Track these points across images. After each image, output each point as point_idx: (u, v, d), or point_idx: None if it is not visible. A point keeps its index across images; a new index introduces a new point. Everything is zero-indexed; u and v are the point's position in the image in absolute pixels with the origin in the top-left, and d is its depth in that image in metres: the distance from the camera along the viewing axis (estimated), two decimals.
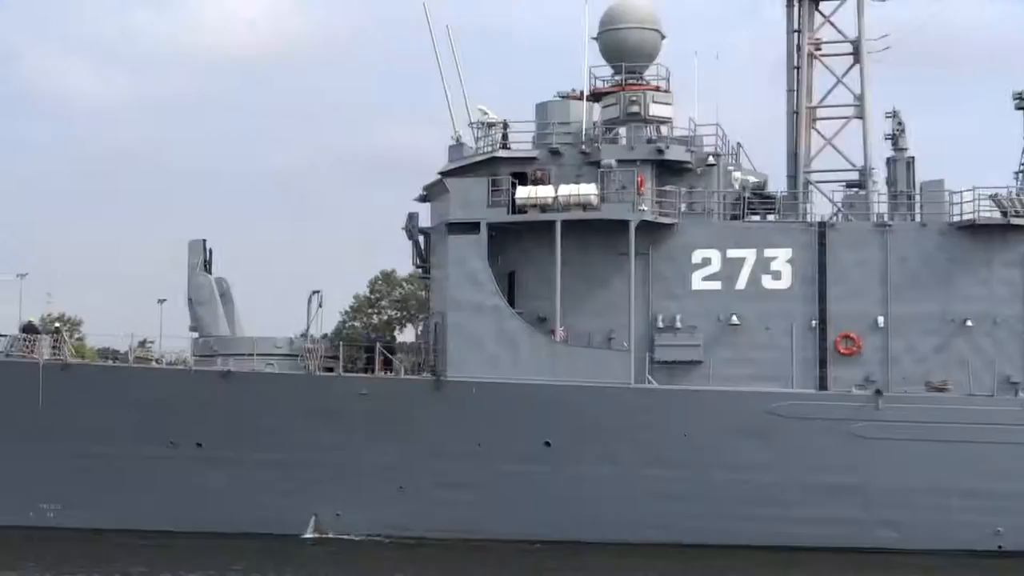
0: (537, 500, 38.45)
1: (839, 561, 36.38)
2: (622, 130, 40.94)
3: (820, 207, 41.48)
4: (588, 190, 39.00)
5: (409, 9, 43.54)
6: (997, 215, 38.03)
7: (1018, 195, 38.36)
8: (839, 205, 41.14)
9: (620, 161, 39.43)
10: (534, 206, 39.32)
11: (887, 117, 40.73)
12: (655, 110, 40.36)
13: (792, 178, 42.04)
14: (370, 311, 78.84)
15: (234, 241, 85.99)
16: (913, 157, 40.53)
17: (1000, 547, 36.69)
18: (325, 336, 44.22)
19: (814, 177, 42.41)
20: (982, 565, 36.08)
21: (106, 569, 35.08)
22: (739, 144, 43.55)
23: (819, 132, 42.97)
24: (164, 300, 41.75)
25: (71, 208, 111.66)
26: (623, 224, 38.59)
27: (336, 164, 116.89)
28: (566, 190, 39.15)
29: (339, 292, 75.66)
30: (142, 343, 43.53)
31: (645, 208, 38.84)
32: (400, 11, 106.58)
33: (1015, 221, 37.88)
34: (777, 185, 42.64)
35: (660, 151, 39.74)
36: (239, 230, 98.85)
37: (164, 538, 39.12)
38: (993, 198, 38.06)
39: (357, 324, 76.56)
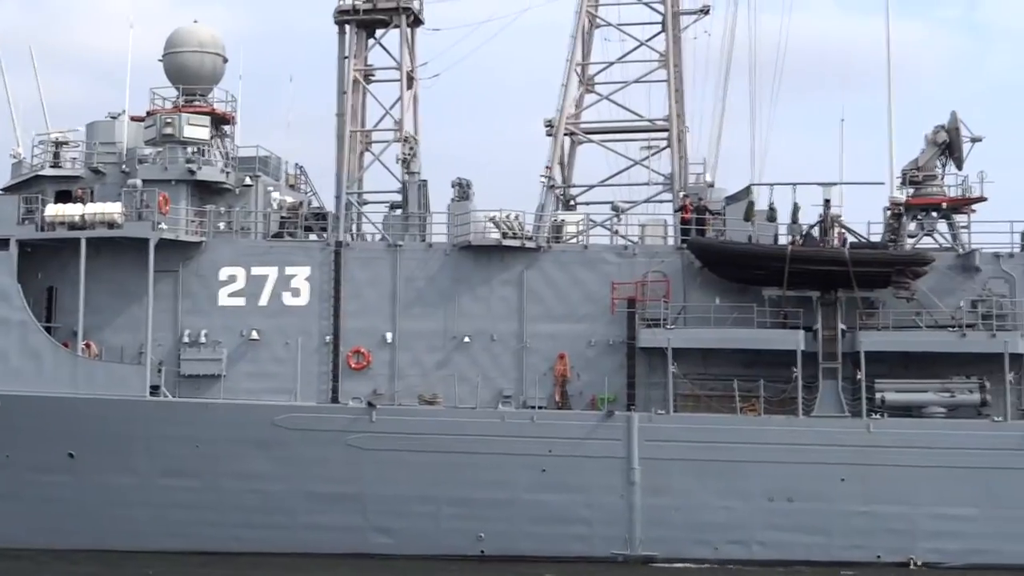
0: (63, 510, 39.59)
1: (342, 567, 37.95)
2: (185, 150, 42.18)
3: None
4: (112, 209, 40.30)
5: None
6: (496, 236, 39.90)
7: (516, 218, 40.19)
8: (378, 226, 42.79)
9: (151, 181, 40.74)
10: (62, 224, 40.54)
11: (397, 142, 42.38)
12: (190, 132, 41.67)
13: (338, 198, 43.60)
14: None
15: None
16: (425, 180, 42.22)
17: (483, 552, 38.38)
18: None
19: (365, 197, 44.02)
20: (466, 569, 37.87)
21: None
22: (299, 166, 45.33)
23: (373, 154, 44.65)
24: None
25: None
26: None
27: None
28: (92, 208, 40.41)
29: None
30: None
31: (165, 227, 40.15)
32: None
33: (508, 243, 39.78)
34: (330, 205, 44.22)
35: (192, 172, 41.18)
36: None
37: None
38: (492, 220, 39.85)
39: None
